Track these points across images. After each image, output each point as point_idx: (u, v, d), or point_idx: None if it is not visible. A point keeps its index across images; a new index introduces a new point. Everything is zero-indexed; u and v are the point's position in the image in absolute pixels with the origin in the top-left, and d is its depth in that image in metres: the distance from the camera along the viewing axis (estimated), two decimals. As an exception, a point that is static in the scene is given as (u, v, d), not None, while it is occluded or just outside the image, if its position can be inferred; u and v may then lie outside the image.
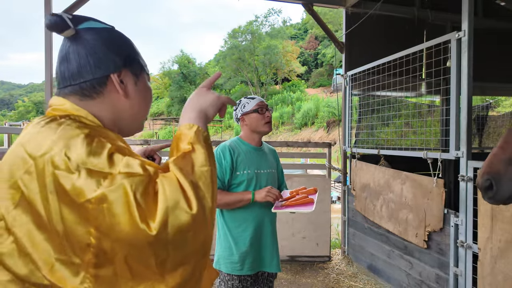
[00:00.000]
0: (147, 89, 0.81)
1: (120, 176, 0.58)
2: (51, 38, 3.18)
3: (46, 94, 3.18)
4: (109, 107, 0.73)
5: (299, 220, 3.85)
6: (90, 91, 0.71)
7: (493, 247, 2.06)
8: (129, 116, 0.77)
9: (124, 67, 0.74)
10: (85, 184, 0.56)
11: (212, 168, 0.67)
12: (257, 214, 1.72)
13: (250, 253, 1.69)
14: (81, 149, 0.59)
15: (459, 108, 2.38)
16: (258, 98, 1.78)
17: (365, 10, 3.87)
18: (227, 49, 36.02)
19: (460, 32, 2.33)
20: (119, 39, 0.75)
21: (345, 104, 3.93)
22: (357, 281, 3.33)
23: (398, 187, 2.92)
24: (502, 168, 1.17)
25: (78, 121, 0.67)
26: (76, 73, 0.70)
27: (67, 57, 0.71)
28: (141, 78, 0.78)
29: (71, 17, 0.70)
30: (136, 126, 0.82)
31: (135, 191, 0.57)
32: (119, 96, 0.74)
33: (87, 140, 0.60)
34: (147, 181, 0.59)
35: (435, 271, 2.59)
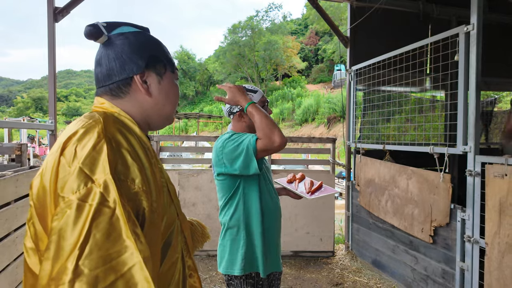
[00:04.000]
0: (171, 87, 0.85)
1: (97, 193, 0.59)
2: (54, 30, 3.15)
3: (50, 87, 3.16)
4: (136, 105, 0.80)
5: (303, 216, 3.85)
6: (118, 91, 0.78)
7: (501, 241, 2.05)
8: (155, 112, 0.83)
9: (147, 68, 0.79)
10: (71, 180, 0.59)
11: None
12: (273, 211, 1.61)
13: (267, 254, 1.57)
14: (88, 147, 0.62)
15: (467, 103, 2.36)
16: (259, 92, 1.62)
17: (370, 4, 3.84)
18: (227, 45, 35.89)
19: (469, 25, 2.30)
20: (144, 42, 0.80)
21: (349, 99, 3.91)
22: (361, 276, 3.33)
23: (404, 182, 2.91)
24: None
25: (112, 117, 0.72)
26: (106, 75, 0.78)
27: (100, 61, 0.78)
28: (166, 77, 0.82)
29: (105, 25, 0.78)
30: (164, 121, 0.87)
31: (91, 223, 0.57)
32: (143, 95, 0.80)
33: (98, 141, 0.63)
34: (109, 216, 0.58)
35: (441, 266, 2.59)
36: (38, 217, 0.65)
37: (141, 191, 0.64)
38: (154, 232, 0.66)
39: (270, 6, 35.47)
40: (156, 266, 0.67)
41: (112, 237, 0.56)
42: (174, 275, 0.76)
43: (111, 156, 0.62)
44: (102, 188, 0.58)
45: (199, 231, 1.01)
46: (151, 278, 0.56)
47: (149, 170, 0.69)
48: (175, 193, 0.83)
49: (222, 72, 36.78)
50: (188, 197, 3.84)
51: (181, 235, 0.80)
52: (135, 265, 0.56)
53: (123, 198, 0.60)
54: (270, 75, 35.19)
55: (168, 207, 0.75)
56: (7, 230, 1.80)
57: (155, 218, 0.67)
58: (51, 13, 3.05)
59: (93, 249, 0.55)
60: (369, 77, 3.53)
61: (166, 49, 0.85)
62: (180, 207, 0.85)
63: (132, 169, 0.64)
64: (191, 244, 0.87)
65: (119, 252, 0.56)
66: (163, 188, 0.74)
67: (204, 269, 3.46)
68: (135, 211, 0.63)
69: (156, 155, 0.78)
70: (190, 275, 0.85)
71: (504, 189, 2.03)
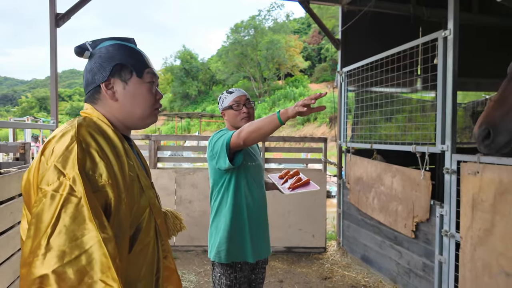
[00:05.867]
0: (138, 90, 0.94)
1: (67, 185, 0.72)
2: (55, 35, 3.31)
3: (51, 90, 3.31)
4: (107, 109, 0.93)
5: (296, 213, 3.99)
6: (93, 98, 0.93)
7: (473, 235, 2.18)
8: (125, 114, 0.94)
9: (112, 76, 0.91)
10: (48, 175, 0.73)
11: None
12: (257, 204, 1.74)
13: (251, 242, 1.69)
14: (62, 148, 0.76)
15: (445, 104, 2.48)
16: (236, 93, 1.73)
17: (361, 8, 3.96)
18: (230, 44, 36.02)
19: (446, 30, 2.42)
20: (112, 53, 0.93)
21: (340, 100, 4.03)
22: (350, 271, 3.46)
23: (389, 180, 3.04)
24: (498, 119, 1.31)
25: (91, 121, 0.88)
26: (85, 85, 0.94)
27: (83, 74, 0.95)
28: (131, 82, 0.94)
29: (91, 43, 0.94)
30: (138, 121, 0.98)
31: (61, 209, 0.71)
32: (111, 100, 0.93)
33: (71, 142, 0.78)
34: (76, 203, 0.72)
35: (422, 259, 2.72)
36: (25, 205, 0.81)
37: (108, 184, 0.78)
38: (122, 218, 0.80)
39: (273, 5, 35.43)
40: (125, 246, 0.82)
41: (77, 220, 0.70)
42: (147, 255, 0.90)
43: (80, 155, 0.75)
44: (71, 181, 0.72)
45: (171, 220, 1.14)
46: (109, 254, 0.70)
47: (117, 167, 0.82)
48: (149, 186, 0.95)
49: (224, 71, 36.93)
50: (184, 194, 3.99)
51: (153, 222, 0.93)
52: (95, 244, 0.69)
53: (89, 190, 0.73)
54: (273, 74, 35.27)
55: (138, 198, 0.88)
56: (12, 222, 1.95)
57: (123, 206, 0.81)
58: (52, 19, 3.20)
59: (61, 229, 0.69)
60: (360, 79, 3.65)
61: (138, 57, 0.95)
62: (155, 198, 0.97)
63: (100, 166, 0.78)
64: (164, 230, 1.00)
65: (83, 233, 0.70)
66: (133, 182, 0.87)
67: (199, 263, 3.61)
68: (104, 200, 0.77)
69: (129, 154, 0.90)
70: (165, 256, 0.98)
71: (477, 186, 2.15)
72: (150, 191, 0.95)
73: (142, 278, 0.88)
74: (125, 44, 0.96)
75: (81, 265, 0.68)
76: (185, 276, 3.31)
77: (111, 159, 0.82)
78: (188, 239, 3.94)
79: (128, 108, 0.94)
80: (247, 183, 1.72)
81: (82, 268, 0.68)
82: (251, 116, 1.75)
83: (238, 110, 1.72)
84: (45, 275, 0.66)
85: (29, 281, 0.67)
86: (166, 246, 0.99)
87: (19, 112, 47.76)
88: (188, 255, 3.83)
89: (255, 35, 34.43)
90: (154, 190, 1.02)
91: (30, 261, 0.68)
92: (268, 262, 3.51)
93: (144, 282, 0.89)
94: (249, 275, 1.76)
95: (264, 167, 1.99)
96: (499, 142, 1.32)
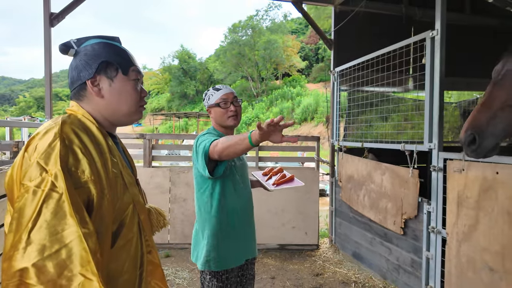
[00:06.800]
0: (124, 88, 0.97)
1: (49, 181, 0.74)
2: (50, 35, 3.34)
3: (46, 90, 3.34)
4: (93, 106, 0.95)
5: (288, 211, 4.03)
6: (78, 95, 0.95)
7: (459, 231, 2.22)
8: (111, 111, 0.96)
9: (98, 73, 0.93)
10: (30, 171, 0.75)
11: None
12: (244, 204, 1.74)
13: (239, 245, 1.70)
14: (45, 145, 0.77)
15: (433, 103, 2.52)
16: (223, 90, 1.69)
17: (353, 8, 4.00)
18: (228, 44, 36.00)
19: (434, 31, 2.46)
20: (98, 51, 0.95)
21: (333, 100, 4.07)
22: (341, 267, 3.51)
23: (378, 178, 3.08)
24: (484, 124, 1.32)
25: (76, 118, 0.89)
26: (70, 82, 0.96)
27: (68, 71, 0.97)
28: (117, 79, 0.96)
29: (76, 41, 0.96)
30: (124, 118, 1.00)
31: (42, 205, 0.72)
32: (96, 97, 0.95)
33: (54, 139, 0.79)
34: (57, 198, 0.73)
35: (410, 255, 2.76)
36: (9, 200, 0.83)
37: (90, 180, 0.79)
38: (104, 214, 0.82)
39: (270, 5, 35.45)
40: (107, 241, 0.84)
41: (58, 216, 0.72)
42: (130, 250, 0.92)
43: (63, 151, 0.77)
44: (53, 177, 0.74)
45: (154, 217, 1.17)
46: (89, 249, 0.72)
47: (100, 163, 0.84)
48: (133, 183, 0.97)
49: (222, 71, 36.94)
50: (179, 192, 4.02)
51: (136, 218, 0.95)
52: (75, 239, 0.71)
53: (71, 186, 0.75)
54: (270, 74, 35.29)
55: (122, 194, 0.90)
56: (3, 220, 1.98)
57: (105, 202, 0.83)
58: (47, 19, 3.23)
59: (42, 224, 0.70)
60: (352, 78, 3.69)
61: (124, 55, 0.98)
62: (139, 195, 1.00)
63: (82, 162, 0.80)
64: (148, 226, 1.02)
65: (63, 227, 0.71)
66: (116, 178, 0.89)
67: (191, 262, 3.64)
68: (86, 196, 0.79)
69: (113, 151, 0.93)
70: (149, 251, 1.01)
71: (462, 183, 2.20)
72: (134, 188, 0.96)
73: (125, 273, 0.90)
74: (110, 42, 0.98)
75: (61, 259, 0.70)
76: (178, 273, 3.35)
77: (94, 156, 0.84)
78: (182, 237, 3.97)
79: (114, 105, 0.96)
80: (233, 184, 1.68)
81: (62, 262, 0.69)
82: (239, 114, 1.72)
83: (226, 108, 1.68)
84: (25, 268, 0.68)
85: (9, 274, 0.68)
86: (150, 241, 1.01)
87: (16, 112, 47.57)
88: (182, 252, 3.86)
89: (252, 35, 34.44)
90: (139, 187, 1.05)
91: (11, 255, 0.70)
92: (258, 258, 3.54)
93: (127, 277, 0.90)
94: (240, 273, 1.77)
95: (247, 165, 1.98)
96: (485, 146, 1.33)
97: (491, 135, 1.31)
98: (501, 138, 1.34)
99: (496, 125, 1.31)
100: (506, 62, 1.36)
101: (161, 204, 3.90)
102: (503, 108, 1.31)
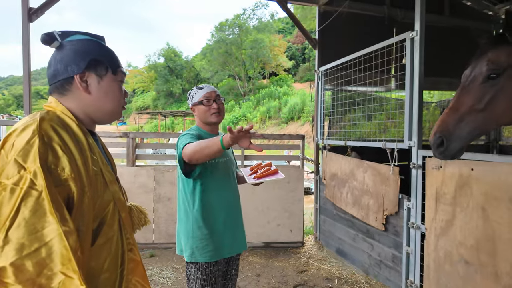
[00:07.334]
0: (112, 87, 0.99)
1: (27, 179, 0.72)
2: (28, 31, 3.25)
3: (25, 87, 3.25)
4: (77, 102, 0.94)
5: (274, 209, 4.05)
6: (62, 89, 0.93)
7: (437, 226, 2.30)
8: (96, 108, 0.97)
9: (88, 70, 0.94)
10: (8, 168, 0.74)
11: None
12: (230, 200, 1.77)
13: (225, 240, 1.73)
14: (23, 142, 0.76)
15: (412, 102, 2.59)
16: (206, 89, 1.75)
17: (337, 8, 4.05)
18: (214, 43, 35.83)
19: (414, 32, 2.53)
20: (88, 48, 0.95)
21: (317, 99, 4.12)
22: (325, 264, 3.56)
23: (361, 175, 3.14)
24: (451, 127, 1.36)
25: (54, 115, 0.87)
26: (53, 75, 0.94)
27: (50, 63, 0.94)
28: (106, 78, 0.97)
29: (60, 33, 0.94)
30: (108, 116, 1.01)
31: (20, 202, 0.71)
32: (83, 93, 0.94)
33: (32, 136, 0.77)
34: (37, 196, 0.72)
35: (391, 251, 2.83)
36: None
37: (70, 178, 0.79)
38: (85, 212, 0.82)
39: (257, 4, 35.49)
40: (87, 239, 0.84)
41: (38, 214, 0.71)
42: (111, 248, 0.92)
43: (42, 149, 0.75)
44: (32, 175, 0.72)
45: (136, 215, 1.17)
46: (70, 247, 0.71)
47: (80, 161, 0.83)
48: (113, 181, 0.97)
49: (209, 70, 36.73)
50: (163, 192, 3.99)
51: (117, 215, 0.95)
52: (56, 237, 0.70)
53: (50, 184, 0.74)
54: (257, 73, 35.33)
55: (102, 192, 0.90)
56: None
57: (86, 200, 0.82)
58: (25, 13, 3.14)
59: (21, 222, 0.69)
60: (336, 77, 3.75)
61: (113, 55, 1.00)
62: (120, 193, 0.99)
63: (62, 160, 0.78)
64: (129, 224, 1.02)
65: (43, 226, 0.70)
66: (96, 176, 0.88)
67: (177, 260, 3.62)
68: (66, 194, 0.78)
69: (93, 148, 0.92)
70: (130, 249, 1.00)
71: (439, 180, 2.27)
72: (114, 186, 0.96)
73: (106, 271, 0.90)
74: (99, 41, 0.99)
75: (41, 258, 0.69)
76: (163, 272, 3.32)
77: (75, 153, 0.83)
78: (167, 236, 3.94)
79: (100, 103, 0.97)
80: (216, 181, 1.72)
81: (42, 261, 0.69)
82: (221, 111, 1.77)
83: (208, 106, 1.73)
84: (3, 268, 0.67)
85: None
86: (131, 239, 1.01)
87: (-6, 110, 45.97)
88: (166, 252, 3.83)
89: (239, 34, 34.39)
90: (120, 184, 1.04)
91: None
92: (243, 256, 3.55)
93: (107, 275, 0.90)
94: (223, 268, 1.79)
95: (235, 162, 2.01)
96: (452, 149, 1.37)
97: (458, 138, 1.36)
98: (467, 141, 1.38)
99: (463, 129, 1.36)
100: (474, 68, 1.40)
101: (146, 203, 3.85)
102: (469, 112, 1.35)
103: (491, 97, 1.34)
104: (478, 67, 1.37)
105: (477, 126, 1.36)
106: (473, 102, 1.36)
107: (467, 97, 1.37)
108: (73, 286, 0.69)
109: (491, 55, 1.35)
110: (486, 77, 1.34)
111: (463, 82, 1.44)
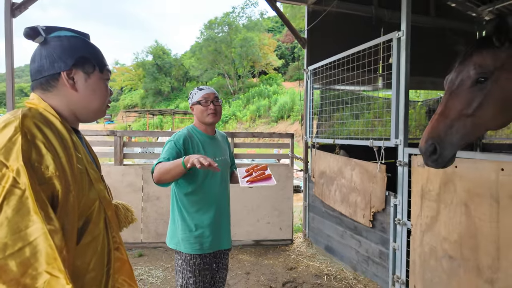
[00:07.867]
0: (98, 85, 0.99)
1: (10, 177, 0.70)
2: (11, 26, 3.16)
3: (8, 85, 3.17)
4: (62, 99, 0.93)
5: (264, 207, 4.07)
6: (47, 85, 0.91)
7: (422, 222, 2.35)
8: (82, 106, 0.97)
9: (75, 67, 0.93)
10: None
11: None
12: (217, 198, 1.83)
13: (210, 234, 1.78)
14: (4, 139, 0.74)
15: (399, 101, 2.64)
16: (205, 90, 1.84)
17: (325, 8, 4.09)
18: (204, 41, 35.58)
19: (400, 32, 2.58)
20: (75, 45, 0.94)
21: (306, 97, 4.15)
22: (314, 261, 3.60)
23: (348, 173, 3.18)
24: (443, 133, 1.30)
25: (37, 112, 0.85)
26: (37, 71, 0.91)
27: (34, 59, 0.92)
28: (93, 76, 0.97)
29: (44, 28, 0.92)
30: (92, 114, 1.00)
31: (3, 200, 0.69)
32: (69, 90, 0.93)
33: (15, 133, 0.75)
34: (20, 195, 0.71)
35: (378, 247, 2.88)
36: None
37: (55, 176, 0.77)
38: (70, 210, 0.81)
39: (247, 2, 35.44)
40: (73, 238, 0.82)
41: (21, 213, 0.69)
42: (97, 247, 0.91)
43: (25, 146, 0.74)
44: (15, 173, 0.71)
45: (122, 213, 1.16)
46: (55, 246, 0.70)
47: (65, 159, 0.81)
48: (98, 179, 0.96)
49: (198, 68, 36.47)
50: (152, 191, 3.96)
51: (103, 214, 0.94)
52: (40, 236, 0.69)
53: (34, 182, 0.72)
54: (247, 72, 35.29)
55: (87, 190, 0.88)
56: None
57: (71, 198, 0.81)
58: (8, 9, 3.06)
59: (3, 222, 0.67)
60: (324, 76, 3.78)
61: (99, 53, 1.00)
62: (105, 191, 0.98)
63: (46, 158, 0.77)
64: (115, 222, 1.01)
65: (27, 225, 0.69)
66: (81, 174, 0.87)
67: (166, 259, 3.60)
68: (50, 192, 0.76)
69: (78, 146, 0.91)
70: (117, 248, 1.00)
71: (425, 177, 2.32)
72: (99, 184, 0.95)
73: (92, 270, 0.89)
74: (84, 38, 0.98)
75: (25, 257, 0.67)
76: (152, 272, 3.30)
77: (59, 151, 0.82)
78: (156, 235, 3.91)
79: (86, 100, 0.96)
80: (207, 179, 1.78)
81: (26, 260, 0.68)
82: (218, 113, 1.85)
83: (206, 106, 1.81)
84: None
85: None
86: (117, 237, 1.00)
87: (-24, 108, 44.58)
88: (155, 251, 3.81)
89: (229, 32, 34.24)
90: (104, 183, 1.03)
91: None
92: (233, 254, 3.56)
93: (93, 274, 0.89)
94: (210, 262, 1.83)
95: (233, 162, 2.06)
96: (446, 156, 1.31)
97: (450, 145, 1.31)
98: (458, 147, 1.34)
99: (454, 135, 1.31)
100: (460, 72, 1.35)
101: (134, 202, 3.81)
102: (459, 118, 1.31)
103: (480, 102, 1.29)
104: (465, 71, 1.33)
105: (467, 132, 1.31)
106: (462, 107, 1.31)
107: (456, 101, 1.33)
108: (59, 285, 0.68)
109: (476, 58, 1.31)
110: (474, 81, 1.30)
111: (449, 86, 1.38)
